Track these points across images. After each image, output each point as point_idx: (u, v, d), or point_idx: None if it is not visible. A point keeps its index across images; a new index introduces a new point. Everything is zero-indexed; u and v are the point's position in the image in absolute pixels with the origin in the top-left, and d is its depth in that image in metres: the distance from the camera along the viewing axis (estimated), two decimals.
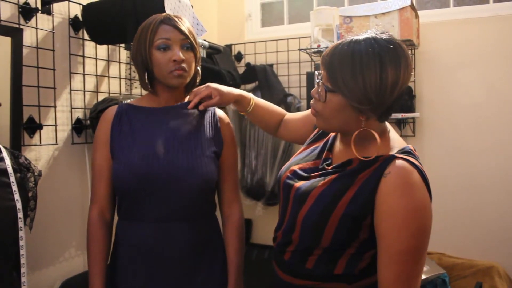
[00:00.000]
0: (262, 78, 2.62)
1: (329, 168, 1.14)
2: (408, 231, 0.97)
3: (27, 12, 1.67)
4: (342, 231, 1.05)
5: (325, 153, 1.19)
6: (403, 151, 1.06)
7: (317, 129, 1.30)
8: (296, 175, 1.18)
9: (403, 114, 2.35)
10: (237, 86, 2.66)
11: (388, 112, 1.06)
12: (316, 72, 1.09)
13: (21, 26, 1.63)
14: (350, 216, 1.03)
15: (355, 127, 1.06)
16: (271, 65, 2.78)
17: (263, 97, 2.58)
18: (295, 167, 1.21)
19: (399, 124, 2.49)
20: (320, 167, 1.16)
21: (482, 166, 2.35)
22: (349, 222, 1.03)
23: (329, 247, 1.08)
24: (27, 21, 1.68)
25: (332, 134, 1.23)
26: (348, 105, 1.02)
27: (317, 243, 1.08)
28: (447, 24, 2.43)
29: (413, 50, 2.43)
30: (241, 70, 2.80)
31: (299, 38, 2.70)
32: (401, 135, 2.46)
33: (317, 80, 1.08)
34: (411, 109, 2.41)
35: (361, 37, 1.04)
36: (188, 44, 1.33)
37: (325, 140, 1.24)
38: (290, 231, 1.14)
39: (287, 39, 2.76)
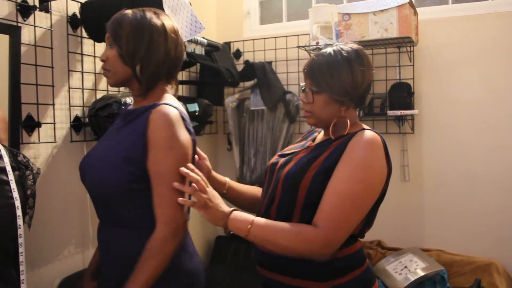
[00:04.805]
0: (261, 76, 2.62)
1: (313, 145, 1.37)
2: (355, 176, 1.18)
3: (25, 10, 1.66)
4: (316, 185, 1.23)
5: (308, 143, 1.41)
6: (371, 129, 1.30)
7: (304, 134, 1.53)
8: (282, 155, 1.40)
9: (402, 111, 2.35)
10: (236, 84, 2.66)
11: (361, 101, 1.35)
12: (301, 84, 1.36)
13: (19, 24, 1.63)
14: (322, 172, 1.23)
15: (338, 117, 1.31)
16: (270, 63, 2.78)
17: (261, 95, 2.60)
18: (282, 152, 1.43)
19: (398, 121, 2.49)
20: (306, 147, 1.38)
21: (480, 163, 2.35)
22: (322, 176, 1.23)
23: (306, 203, 1.24)
24: (25, 18, 1.67)
25: (316, 134, 1.45)
26: (331, 100, 1.29)
27: (295, 198, 1.25)
28: (446, 21, 2.43)
29: (411, 47, 2.43)
30: (239, 67, 2.79)
31: (297, 35, 2.70)
32: (399, 132, 2.48)
33: (303, 89, 1.35)
34: (410, 106, 2.41)
35: (329, 49, 1.32)
36: (111, 42, 1.27)
37: (310, 138, 1.46)
38: (274, 189, 1.32)
39: (286, 36, 2.76)
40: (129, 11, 1.29)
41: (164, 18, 1.29)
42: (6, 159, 1.22)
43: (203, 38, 2.27)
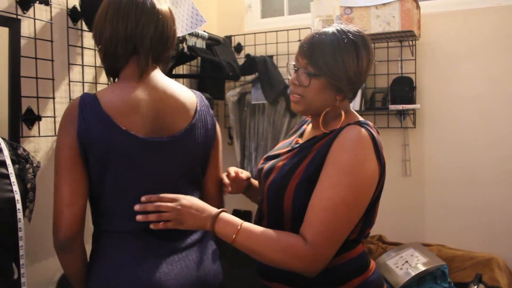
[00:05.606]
0: (262, 70, 2.61)
1: (296, 147, 1.23)
2: (342, 182, 1.06)
3: (24, 2, 1.65)
4: (300, 194, 1.12)
5: (295, 140, 1.30)
6: (359, 122, 1.15)
7: (294, 127, 1.41)
8: (268, 158, 1.30)
9: (404, 105, 2.34)
10: (237, 77, 2.65)
11: (356, 92, 1.21)
12: (291, 63, 1.22)
13: (19, 17, 1.62)
14: (305, 179, 1.12)
15: (331, 106, 1.18)
16: (271, 57, 2.76)
17: (263, 89, 2.59)
18: (269, 154, 1.33)
19: (400, 116, 2.48)
20: (290, 148, 1.26)
21: (482, 158, 2.34)
22: (306, 184, 1.12)
23: (293, 214, 1.14)
24: (25, 11, 1.66)
25: (304, 126, 1.34)
26: (328, 86, 1.15)
27: (281, 210, 1.16)
28: (448, 15, 2.41)
29: (414, 41, 2.41)
30: (241, 61, 2.78)
31: (299, 29, 2.68)
32: (401, 127, 2.47)
33: (295, 69, 1.20)
34: (412, 100, 2.40)
35: (332, 29, 1.17)
36: None
37: (298, 133, 1.35)
38: (261, 202, 1.25)
39: (287, 30, 2.74)
40: None
41: None
42: (6, 152, 1.21)
43: (204, 31, 2.26)
